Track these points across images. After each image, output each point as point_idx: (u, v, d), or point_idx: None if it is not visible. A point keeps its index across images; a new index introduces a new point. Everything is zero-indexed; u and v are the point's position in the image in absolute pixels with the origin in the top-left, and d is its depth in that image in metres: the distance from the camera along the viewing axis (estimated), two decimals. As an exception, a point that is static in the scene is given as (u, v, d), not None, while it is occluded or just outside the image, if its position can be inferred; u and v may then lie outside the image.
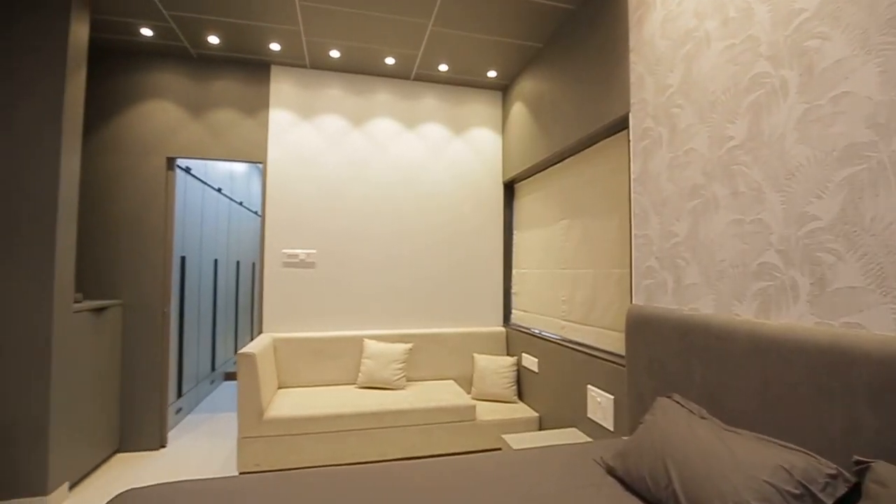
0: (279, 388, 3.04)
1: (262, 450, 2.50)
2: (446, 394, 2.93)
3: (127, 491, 1.47)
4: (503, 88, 3.71)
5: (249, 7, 2.61)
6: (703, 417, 1.43)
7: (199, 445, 3.08)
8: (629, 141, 2.09)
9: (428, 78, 3.53)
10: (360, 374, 3.08)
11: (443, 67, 3.34)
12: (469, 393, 3.21)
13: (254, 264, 5.97)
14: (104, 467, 2.77)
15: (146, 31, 2.87)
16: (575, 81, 2.57)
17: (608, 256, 2.38)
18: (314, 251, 3.28)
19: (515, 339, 3.35)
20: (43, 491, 2.23)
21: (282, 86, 3.31)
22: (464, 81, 3.58)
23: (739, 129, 1.50)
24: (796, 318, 1.29)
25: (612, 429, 2.16)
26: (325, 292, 3.29)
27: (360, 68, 3.38)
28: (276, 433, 2.52)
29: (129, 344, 2.98)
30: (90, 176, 2.96)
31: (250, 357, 2.50)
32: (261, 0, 2.55)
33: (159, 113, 3.10)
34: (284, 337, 3.10)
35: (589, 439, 2.28)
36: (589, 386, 2.35)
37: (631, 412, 1.91)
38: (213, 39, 2.97)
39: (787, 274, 1.31)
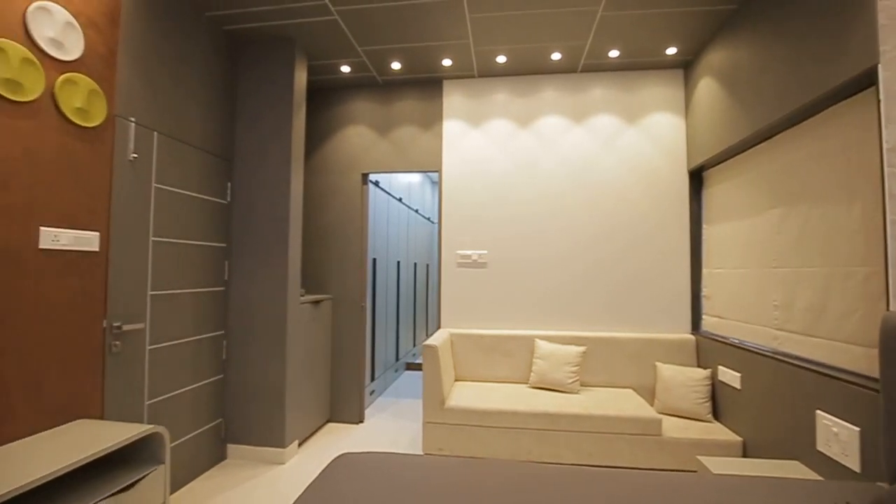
0: (456, 380, 3.24)
1: (443, 435, 2.70)
2: (626, 403, 2.72)
3: (343, 455, 1.74)
4: (685, 66, 3.29)
5: (426, 30, 2.86)
6: None
7: (389, 424, 3.49)
8: (879, 101, 1.63)
9: (596, 67, 3.35)
10: (532, 374, 3.08)
11: (613, 53, 3.14)
12: (652, 405, 2.91)
13: (427, 266, 6.52)
14: (319, 433, 3.34)
15: (345, 68, 3.40)
16: (788, 40, 2.13)
17: (846, 251, 1.89)
18: (486, 252, 3.41)
19: (708, 348, 2.92)
20: (282, 444, 2.81)
21: (453, 98, 3.55)
22: (637, 65, 3.30)
23: None
24: None
25: (857, 469, 1.71)
26: (497, 291, 3.39)
27: (525, 69, 3.40)
28: (456, 421, 2.69)
29: (337, 332, 3.56)
30: (307, 193, 3.64)
31: (433, 349, 2.73)
32: (435, 22, 2.77)
33: (355, 136, 3.63)
34: (460, 333, 3.29)
35: (818, 477, 1.85)
36: (819, 412, 1.90)
37: (890, 451, 1.47)
38: (396, 65, 3.34)
39: None
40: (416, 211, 5.77)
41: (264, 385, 2.82)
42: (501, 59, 3.25)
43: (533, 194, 3.41)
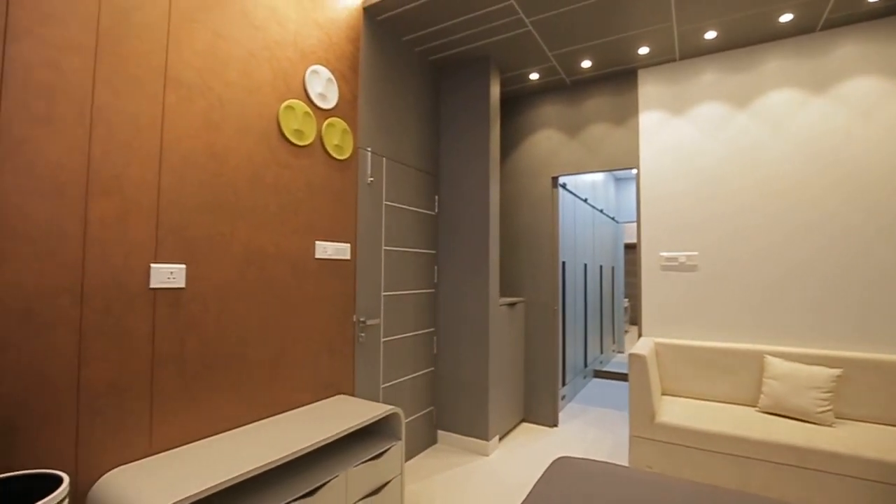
0: (663, 394, 2.97)
1: (653, 452, 2.50)
2: (914, 447, 2.08)
3: (563, 458, 1.75)
4: None
5: (621, 22, 2.72)
6: None
7: (584, 432, 3.39)
8: None
9: (846, 20, 2.68)
10: (762, 396, 2.62)
11: (878, -3, 2.46)
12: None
13: (612, 269, 6.15)
14: (515, 431, 3.45)
15: (533, 75, 3.46)
16: None
17: None
18: (695, 253, 3.04)
19: None
20: (485, 436, 2.99)
21: (649, 88, 3.28)
22: (918, 5, 2.51)
23: None
24: None
25: None
26: (711, 298, 2.99)
27: (741, 40, 2.93)
28: (669, 440, 2.46)
29: (529, 334, 3.63)
30: (501, 199, 3.81)
31: (641, 358, 2.56)
32: (632, 11, 2.60)
33: (544, 140, 3.66)
34: (666, 343, 3.01)
35: None
36: None
37: None
38: (586, 63, 3.26)
39: None
40: (601, 211, 5.51)
41: (469, 380, 3.06)
42: (710, 34, 2.86)
43: (754, 185, 2.90)
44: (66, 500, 1.18)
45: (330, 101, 2.29)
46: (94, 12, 1.45)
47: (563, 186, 4.00)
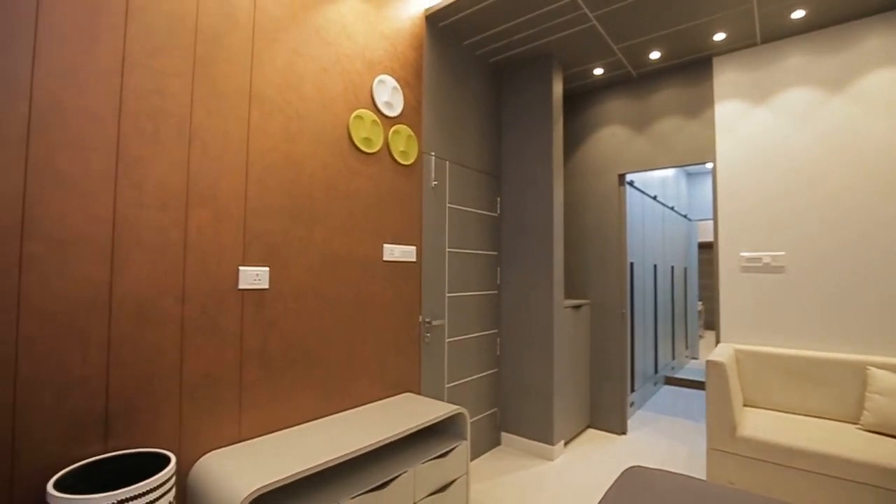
0: (744, 405, 2.76)
1: (735, 467, 2.33)
2: None
3: (634, 467, 1.69)
4: None
5: (694, 8, 2.56)
6: None
7: (656, 441, 3.23)
8: None
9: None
10: (865, 413, 2.35)
11: None
12: None
13: (685, 270, 5.80)
14: (581, 437, 3.36)
15: (597, 70, 3.35)
16: None
17: None
18: (782, 253, 2.80)
19: None
20: (550, 441, 2.94)
21: (726, 76, 3.06)
22: None
23: None
24: None
25: None
26: (801, 302, 2.73)
27: (835, 18, 2.65)
28: (753, 455, 2.28)
29: (596, 338, 3.52)
30: (564, 198, 3.73)
31: (720, 366, 2.40)
32: (710, -6, 2.45)
33: (609, 137, 3.54)
34: (748, 350, 2.79)
35: None
36: None
37: None
38: (654, 55, 3.10)
39: None
40: (672, 208, 5.21)
41: (533, 382, 3.03)
42: (798, 14, 2.62)
43: (852, 176, 2.61)
44: (174, 478, 1.33)
45: (395, 109, 2.37)
46: (191, 42, 1.61)
47: (631, 184, 3.84)
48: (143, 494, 1.19)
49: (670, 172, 5.33)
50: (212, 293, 1.64)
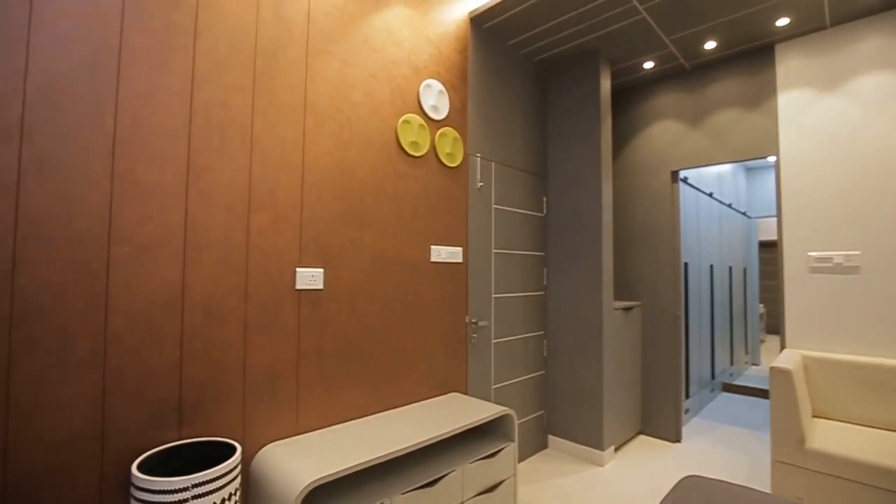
0: (813, 416, 2.57)
1: (802, 482, 2.18)
2: None
3: (691, 476, 1.63)
4: None
5: (757, -8, 2.42)
6: None
7: (713, 451, 3.07)
8: None
9: None
10: (957, 427, 2.13)
11: None
12: None
13: (744, 270, 5.47)
14: (632, 443, 3.25)
15: (648, 64, 3.23)
16: None
17: None
18: (857, 252, 2.58)
19: None
20: (600, 446, 2.87)
21: (790, 64, 2.86)
22: None
23: None
24: None
25: None
26: (878, 306, 2.51)
27: (921, -5, 2.43)
28: (823, 469, 2.12)
29: (647, 341, 3.40)
30: (613, 197, 3.63)
31: (786, 373, 2.25)
32: (772, -22, 2.31)
33: (661, 132, 3.40)
34: (817, 356, 2.60)
35: None
36: None
37: None
38: (710, 45, 2.96)
39: None
40: (729, 206, 4.94)
41: (582, 385, 2.97)
42: (875, -8, 2.42)
43: (945, 168, 2.37)
44: (239, 466, 1.42)
45: (441, 112, 2.41)
46: (251, 57, 1.71)
47: (685, 181, 3.68)
48: (215, 479, 1.28)
49: (727, 168, 5.04)
50: (272, 293, 1.73)
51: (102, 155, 1.37)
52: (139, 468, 1.30)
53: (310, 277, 1.83)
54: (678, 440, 3.26)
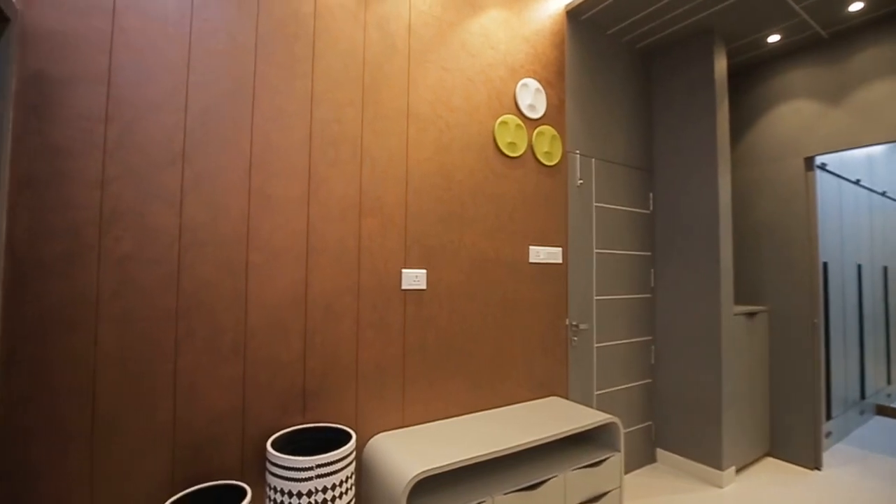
0: None
1: None
2: None
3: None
4: None
5: (923, -62, 2.02)
6: None
7: (863, 483, 2.61)
8: None
9: None
10: None
11: None
12: None
13: (905, 270, 4.57)
14: (757, 465, 2.89)
15: (772, 38, 2.86)
16: None
17: None
18: None
19: None
20: (718, 465, 2.61)
21: (973, 17, 2.34)
22: None
23: None
24: None
25: None
26: None
27: None
28: None
29: (776, 351, 3.01)
30: (732, 189, 3.27)
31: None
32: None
33: (790, 114, 2.99)
34: None
35: None
36: None
37: None
38: (855, 6, 2.53)
39: None
40: (884, 194, 4.16)
41: (696, 397, 2.72)
42: None
43: None
44: (354, 452, 1.54)
45: (538, 111, 2.37)
46: (360, 73, 1.85)
47: (823, 167, 3.19)
48: (336, 462, 1.40)
49: (880, 150, 4.26)
50: (380, 292, 1.85)
51: (241, 172, 1.57)
52: (272, 446, 1.47)
53: (414, 278, 1.92)
54: (817, 467, 2.83)
